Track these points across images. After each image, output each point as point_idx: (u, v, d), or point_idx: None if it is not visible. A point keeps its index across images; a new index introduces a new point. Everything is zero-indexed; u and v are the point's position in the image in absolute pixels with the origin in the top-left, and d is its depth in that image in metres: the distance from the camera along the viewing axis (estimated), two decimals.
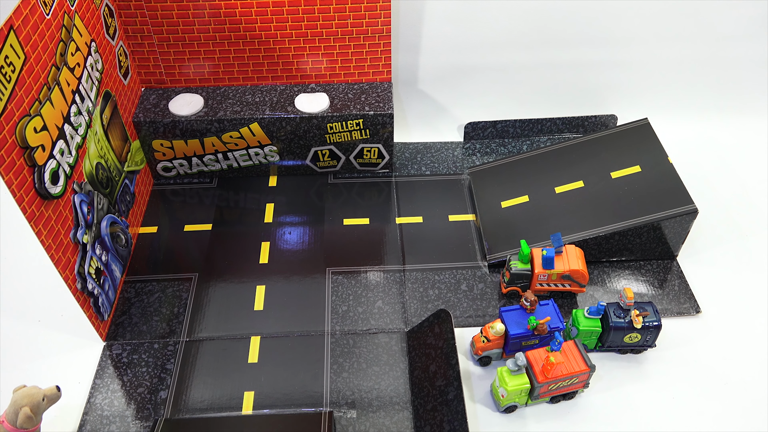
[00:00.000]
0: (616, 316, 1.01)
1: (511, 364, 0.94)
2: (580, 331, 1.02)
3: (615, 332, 1.01)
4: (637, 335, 1.02)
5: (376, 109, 1.27)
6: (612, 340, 1.03)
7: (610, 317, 1.01)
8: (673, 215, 1.12)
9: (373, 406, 0.99)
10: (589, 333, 1.02)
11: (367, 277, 1.17)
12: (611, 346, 1.04)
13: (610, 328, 1.01)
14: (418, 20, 1.34)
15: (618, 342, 1.03)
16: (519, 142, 1.45)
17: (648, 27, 1.38)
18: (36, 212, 0.90)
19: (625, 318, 1.01)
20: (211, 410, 0.99)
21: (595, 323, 1.02)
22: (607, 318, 1.02)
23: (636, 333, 1.01)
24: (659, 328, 1.01)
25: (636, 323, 1.00)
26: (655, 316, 1.01)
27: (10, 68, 0.85)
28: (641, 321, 1.00)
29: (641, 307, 1.02)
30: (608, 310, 1.02)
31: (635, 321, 1.00)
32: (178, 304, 1.13)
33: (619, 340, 1.03)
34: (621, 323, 1.01)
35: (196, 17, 1.24)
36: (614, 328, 1.01)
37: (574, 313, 1.04)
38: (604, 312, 1.02)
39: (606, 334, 1.02)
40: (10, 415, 0.86)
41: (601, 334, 1.03)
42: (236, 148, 1.31)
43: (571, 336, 1.04)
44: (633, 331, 1.01)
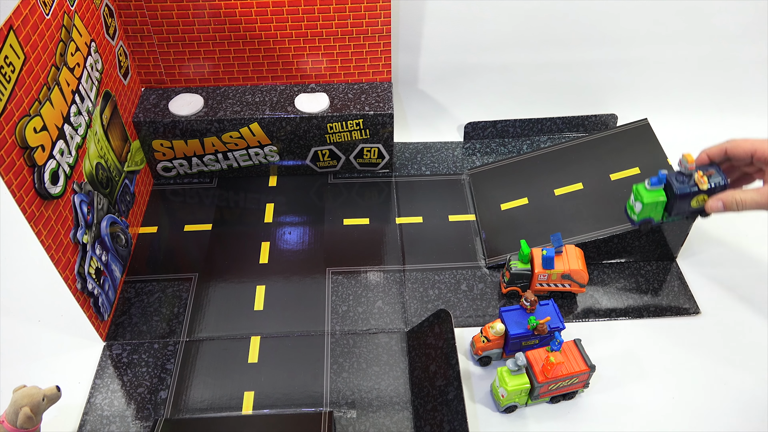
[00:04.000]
0: (680, 182, 0.95)
1: (511, 364, 0.94)
2: (644, 204, 0.97)
3: (681, 199, 0.95)
4: (704, 197, 0.96)
5: (376, 109, 1.27)
6: (679, 207, 0.97)
7: (674, 185, 0.95)
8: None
9: (373, 406, 0.99)
10: (654, 205, 0.97)
11: (367, 277, 1.17)
12: (678, 213, 0.98)
13: (675, 195, 0.95)
14: (418, 20, 1.34)
15: (685, 209, 0.97)
16: (519, 142, 1.45)
17: (648, 27, 1.38)
18: (36, 212, 0.90)
19: (689, 182, 0.95)
20: (211, 410, 0.99)
21: (659, 194, 0.97)
22: (670, 186, 0.96)
23: (703, 195, 0.96)
24: (726, 187, 0.95)
25: (701, 185, 0.94)
26: (721, 176, 0.95)
27: (10, 68, 0.85)
28: (707, 181, 0.95)
29: (704, 168, 0.96)
30: (670, 178, 0.96)
31: (700, 182, 0.95)
32: (178, 304, 1.13)
33: (687, 206, 0.97)
34: (686, 189, 0.95)
35: (196, 17, 1.24)
36: (680, 196, 0.95)
37: (635, 189, 0.99)
38: (666, 179, 0.96)
39: (673, 203, 0.97)
40: (10, 415, 0.86)
41: (667, 203, 0.98)
42: (236, 148, 1.31)
43: (635, 211, 0.98)
44: (700, 194, 0.95)
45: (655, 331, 1.09)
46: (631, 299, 1.13)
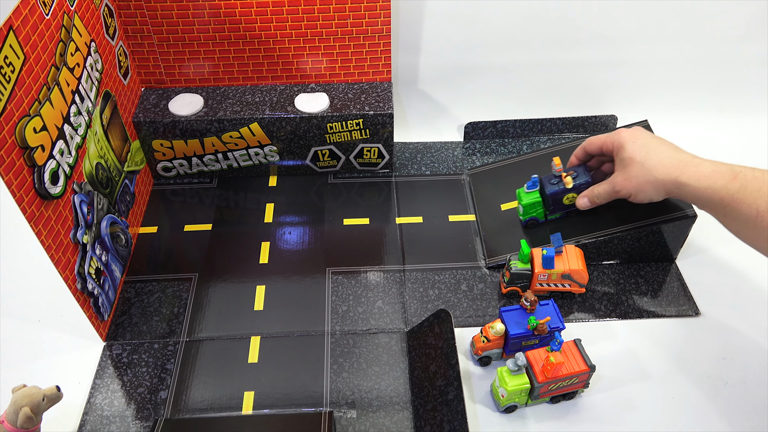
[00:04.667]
0: (551, 183, 1.14)
1: (511, 364, 0.94)
2: (524, 205, 1.15)
3: (553, 197, 1.14)
4: (573, 195, 1.13)
5: (376, 109, 1.27)
6: (554, 205, 1.15)
7: (545, 186, 1.14)
8: (672, 219, 1.12)
9: (373, 406, 0.99)
10: (532, 204, 1.16)
11: (367, 277, 1.17)
12: (555, 210, 1.16)
13: (548, 194, 1.13)
14: (418, 20, 1.34)
15: (560, 204, 1.14)
16: (519, 142, 1.45)
17: (648, 27, 1.38)
18: (36, 212, 0.90)
19: (559, 183, 1.13)
20: (211, 410, 0.99)
21: (535, 195, 1.15)
22: (543, 187, 1.15)
23: (572, 193, 1.12)
24: (589, 184, 1.11)
25: (567, 184, 1.12)
26: (585, 175, 1.12)
27: (10, 68, 0.85)
28: (571, 181, 1.12)
29: (572, 169, 1.14)
30: (542, 180, 1.15)
31: (567, 182, 1.12)
32: (178, 304, 1.13)
33: (560, 203, 1.14)
34: (555, 189, 1.13)
35: (196, 17, 1.24)
36: (551, 195, 1.13)
37: (517, 192, 1.16)
38: (540, 182, 1.15)
39: (547, 202, 1.15)
40: (10, 415, 0.86)
41: (543, 202, 1.16)
42: (236, 148, 1.31)
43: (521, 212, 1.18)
44: (569, 192, 1.13)
45: (655, 332, 1.09)
46: (631, 300, 1.13)
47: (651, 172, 0.99)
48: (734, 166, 0.94)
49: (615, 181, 1.05)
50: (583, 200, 1.11)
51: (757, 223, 0.89)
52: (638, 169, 1.00)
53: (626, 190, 1.03)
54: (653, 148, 1.00)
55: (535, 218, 1.18)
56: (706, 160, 0.97)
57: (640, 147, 1.01)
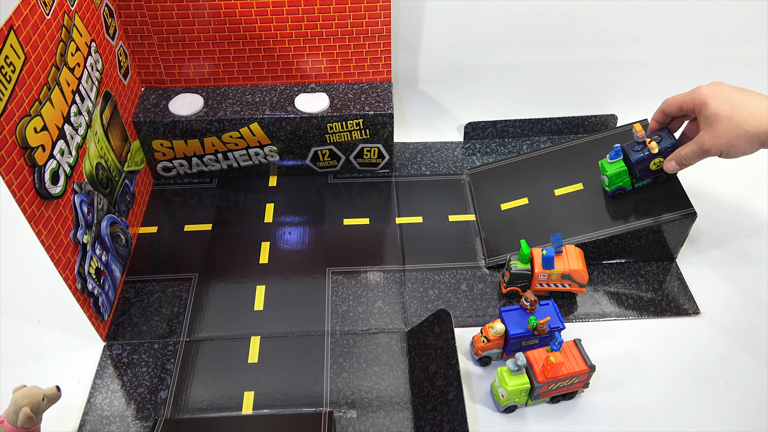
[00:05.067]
0: (635, 150, 1.11)
1: (511, 364, 0.94)
2: (609, 176, 1.13)
3: (638, 165, 1.11)
4: (660, 159, 1.10)
5: (376, 109, 1.27)
6: (641, 172, 1.12)
7: (629, 154, 1.11)
8: (672, 219, 1.12)
9: (373, 406, 0.99)
10: (618, 174, 1.13)
11: (367, 277, 1.17)
12: (642, 177, 1.13)
13: (632, 162, 1.11)
14: (418, 20, 1.34)
15: (646, 171, 1.12)
16: (519, 142, 1.45)
17: (648, 27, 1.38)
18: (36, 212, 0.90)
19: (643, 149, 1.10)
20: (211, 410, 0.99)
21: (620, 164, 1.13)
22: (627, 155, 1.12)
23: (659, 158, 1.10)
24: (675, 146, 1.08)
25: (653, 149, 1.09)
26: (669, 138, 1.09)
27: (10, 68, 0.85)
28: (656, 146, 1.09)
29: (654, 134, 1.11)
30: (625, 148, 1.12)
31: (651, 147, 1.09)
32: (178, 304, 1.13)
33: (647, 169, 1.12)
34: (640, 155, 1.10)
35: (196, 17, 1.24)
36: (636, 161, 1.11)
37: (600, 165, 1.15)
38: (622, 150, 1.12)
39: (633, 170, 1.12)
40: (10, 415, 0.86)
41: (630, 171, 1.13)
42: (236, 148, 1.31)
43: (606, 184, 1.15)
44: (654, 158, 1.10)
45: (655, 332, 1.09)
46: (631, 299, 1.14)
47: (742, 125, 0.95)
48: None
49: (702, 140, 1.01)
50: (671, 164, 1.08)
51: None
52: (727, 125, 0.97)
53: (716, 148, 0.99)
54: (739, 101, 0.97)
55: (622, 188, 1.16)
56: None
57: (725, 101, 0.98)
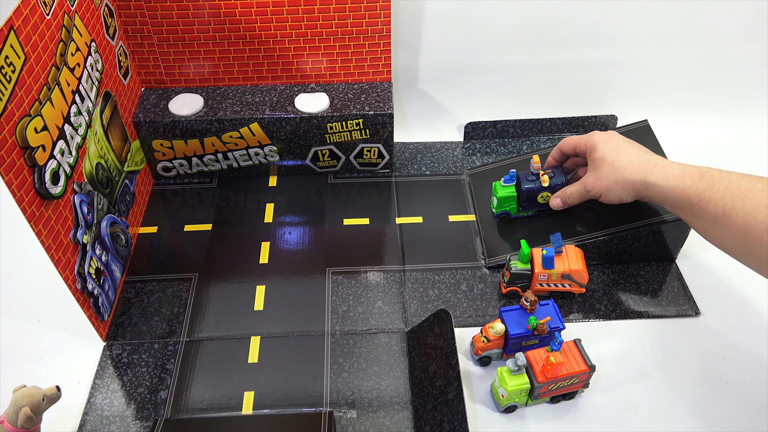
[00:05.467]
0: (528, 180, 1.16)
1: (511, 364, 0.94)
2: (498, 198, 1.17)
3: (527, 193, 1.16)
4: (547, 194, 1.15)
5: (376, 109, 1.27)
6: (528, 201, 1.17)
7: (522, 182, 1.15)
8: (672, 219, 1.12)
9: (373, 406, 0.99)
10: (506, 198, 1.17)
11: (367, 277, 1.17)
12: (528, 207, 1.18)
13: (523, 191, 1.15)
14: (418, 20, 1.34)
15: (534, 203, 1.17)
16: (519, 142, 1.45)
17: (648, 27, 1.38)
18: (36, 212, 0.90)
19: (535, 181, 1.15)
20: (211, 410, 0.99)
21: (510, 189, 1.17)
22: (519, 183, 1.16)
23: (546, 192, 1.15)
24: (564, 185, 1.13)
25: (543, 182, 1.14)
26: (561, 176, 1.15)
27: (10, 68, 0.85)
28: (548, 180, 1.14)
29: (549, 169, 1.16)
30: (519, 176, 1.17)
31: (543, 180, 1.14)
32: (178, 304, 1.13)
33: (534, 199, 1.16)
34: (531, 185, 1.15)
35: (196, 17, 1.24)
36: (526, 191, 1.15)
37: (494, 185, 1.18)
38: (516, 177, 1.16)
39: (521, 198, 1.17)
40: (10, 415, 0.86)
41: (518, 197, 1.18)
42: (236, 148, 1.31)
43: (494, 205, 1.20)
44: (543, 191, 1.15)
45: (655, 332, 1.09)
46: (631, 300, 1.14)
47: (621, 172, 1.02)
48: (702, 167, 0.96)
49: (586, 181, 1.07)
50: (556, 200, 1.14)
51: (723, 221, 0.91)
52: (608, 170, 1.03)
53: (596, 190, 1.06)
54: (624, 150, 1.03)
55: (507, 213, 1.20)
56: (675, 162, 0.99)
57: (611, 148, 1.04)
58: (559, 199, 1.14)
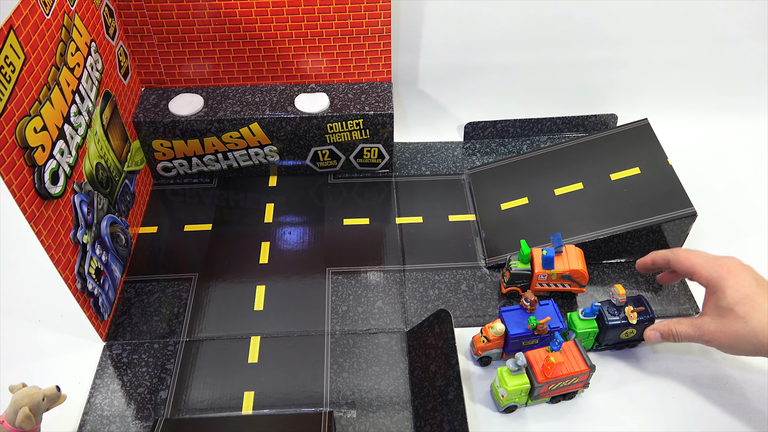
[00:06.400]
0: (611, 314, 1.01)
1: (511, 364, 0.94)
2: (577, 334, 1.02)
3: (612, 330, 1.01)
4: (632, 330, 1.02)
5: (376, 109, 1.27)
6: (609, 338, 1.03)
7: (606, 317, 1.01)
8: (671, 218, 1.12)
9: (373, 406, 0.99)
10: (586, 335, 1.03)
11: (367, 277, 1.17)
12: (608, 344, 1.04)
13: (607, 327, 1.01)
14: (418, 20, 1.34)
15: (615, 339, 1.03)
16: (519, 142, 1.45)
17: (648, 27, 1.38)
18: (36, 212, 0.90)
19: (620, 315, 1.01)
20: (211, 410, 0.99)
21: (591, 324, 1.02)
22: (602, 317, 1.02)
23: (632, 328, 1.02)
24: (653, 321, 1.01)
25: (631, 319, 1.00)
26: (649, 310, 1.02)
27: (10, 68, 0.85)
28: (636, 316, 1.01)
29: (633, 302, 1.03)
30: (603, 309, 1.02)
31: (630, 317, 1.01)
32: (178, 304, 1.13)
33: (616, 337, 1.03)
34: (617, 321, 1.01)
35: (196, 17, 1.24)
36: (611, 327, 1.01)
37: (569, 317, 1.04)
38: (599, 311, 1.02)
39: (603, 334, 1.02)
40: (10, 415, 0.86)
41: (598, 334, 1.03)
42: (236, 148, 1.31)
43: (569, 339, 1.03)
44: (629, 327, 1.01)
45: None
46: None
47: (755, 332, 0.86)
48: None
49: (706, 328, 0.91)
50: (656, 334, 0.98)
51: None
52: (739, 326, 0.88)
53: (718, 342, 0.91)
54: (759, 304, 0.88)
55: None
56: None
57: (743, 298, 0.88)
58: (659, 334, 0.97)
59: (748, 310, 0.88)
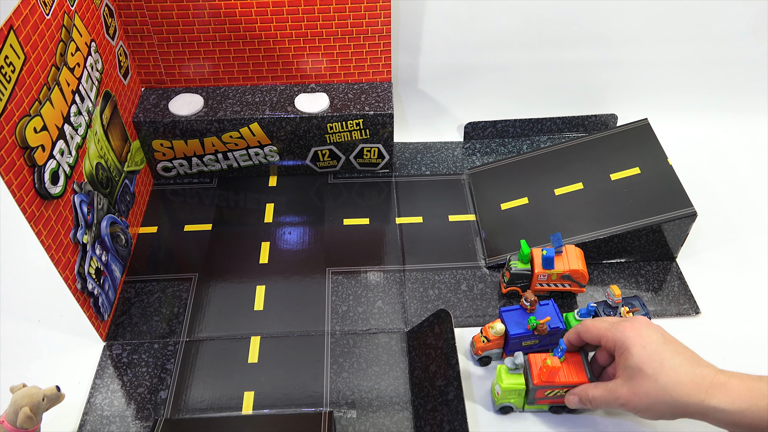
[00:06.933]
0: (607, 315, 1.02)
1: (509, 363, 0.94)
2: None
3: None
4: None
5: (376, 109, 1.27)
6: None
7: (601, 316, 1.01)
8: (672, 218, 1.12)
9: (373, 406, 0.99)
10: None
11: (367, 277, 1.17)
12: None
13: None
14: (418, 20, 1.34)
15: None
16: (519, 142, 1.45)
17: (648, 27, 1.38)
18: (36, 212, 0.90)
19: (616, 315, 1.01)
20: (211, 410, 0.99)
21: None
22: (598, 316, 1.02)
23: None
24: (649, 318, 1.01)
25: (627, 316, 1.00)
26: (644, 310, 1.02)
27: (10, 68, 0.85)
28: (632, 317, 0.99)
29: (629, 303, 1.03)
30: (598, 310, 1.02)
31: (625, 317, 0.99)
32: (178, 304, 1.13)
33: None
34: None
35: (196, 17, 1.24)
36: None
37: (566, 317, 1.04)
38: (594, 312, 1.02)
39: None
40: (10, 415, 0.86)
41: None
42: (236, 148, 1.31)
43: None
44: None
45: None
46: None
47: (668, 391, 0.82)
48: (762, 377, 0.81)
49: (619, 392, 0.87)
50: (573, 398, 0.93)
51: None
52: (650, 386, 0.83)
53: (632, 405, 0.86)
54: (667, 361, 0.83)
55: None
56: (732, 375, 0.82)
57: (650, 356, 0.84)
58: (577, 398, 0.92)
59: (656, 368, 0.83)
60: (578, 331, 0.93)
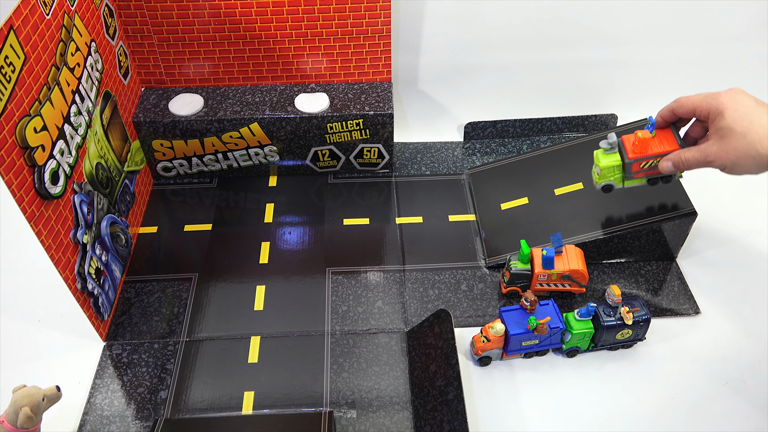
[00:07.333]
0: (607, 315, 1.02)
1: (604, 144, 1.02)
2: (573, 334, 1.02)
3: (608, 331, 1.01)
4: (628, 331, 1.02)
5: (376, 109, 1.27)
6: (605, 339, 1.03)
7: (601, 317, 1.01)
8: (672, 218, 1.12)
9: (373, 406, 0.99)
10: (582, 335, 1.02)
11: (367, 277, 1.17)
12: (604, 344, 1.04)
13: (602, 327, 1.01)
14: (418, 20, 1.34)
15: (611, 340, 1.03)
16: (519, 142, 1.45)
17: (648, 27, 1.38)
18: (36, 212, 0.90)
19: (616, 316, 1.01)
20: (211, 410, 0.99)
21: (587, 325, 1.02)
22: (598, 318, 1.02)
23: (627, 329, 1.02)
24: (649, 322, 1.02)
25: (627, 320, 1.01)
26: (644, 310, 1.02)
27: (10, 68, 0.85)
28: (632, 317, 1.01)
29: (629, 303, 1.03)
30: (598, 310, 1.03)
31: (626, 317, 1.01)
32: (178, 304, 1.13)
33: (612, 338, 1.03)
34: (612, 322, 1.01)
35: (196, 17, 1.24)
36: (607, 328, 1.01)
37: (566, 317, 1.04)
38: (594, 312, 1.02)
39: (599, 334, 1.02)
40: (10, 415, 0.86)
41: (594, 334, 1.03)
42: (236, 148, 1.31)
43: (565, 340, 1.03)
44: (624, 328, 1.01)
45: (655, 331, 1.09)
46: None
47: (755, 146, 0.89)
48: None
49: (709, 150, 0.94)
50: (668, 164, 0.99)
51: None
52: (738, 142, 0.90)
53: (721, 162, 0.93)
54: (757, 119, 0.90)
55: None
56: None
57: (742, 116, 0.91)
58: (671, 163, 0.99)
59: (746, 125, 0.90)
60: (672, 107, 1.01)
